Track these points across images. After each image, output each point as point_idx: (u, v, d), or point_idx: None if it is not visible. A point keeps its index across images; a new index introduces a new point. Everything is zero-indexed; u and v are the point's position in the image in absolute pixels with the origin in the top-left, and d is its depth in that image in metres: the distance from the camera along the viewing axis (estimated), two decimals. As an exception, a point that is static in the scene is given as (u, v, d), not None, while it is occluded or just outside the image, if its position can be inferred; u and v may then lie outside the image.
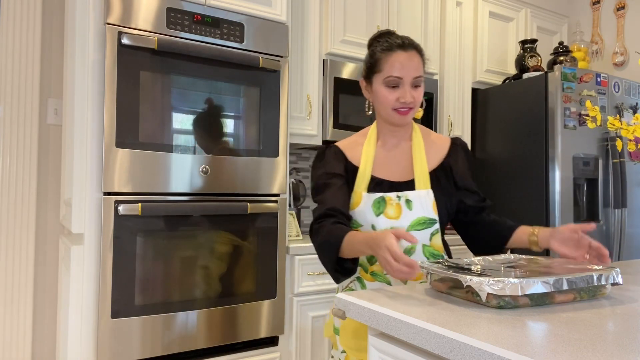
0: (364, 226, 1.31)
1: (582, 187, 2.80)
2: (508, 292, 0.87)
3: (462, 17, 3.10)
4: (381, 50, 1.29)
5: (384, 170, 1.34)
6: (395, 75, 1.27)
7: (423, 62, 1.32)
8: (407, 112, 1.29)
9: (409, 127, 1.39)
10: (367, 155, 1.35)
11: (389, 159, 1.36)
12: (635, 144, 2.84)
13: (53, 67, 2.33)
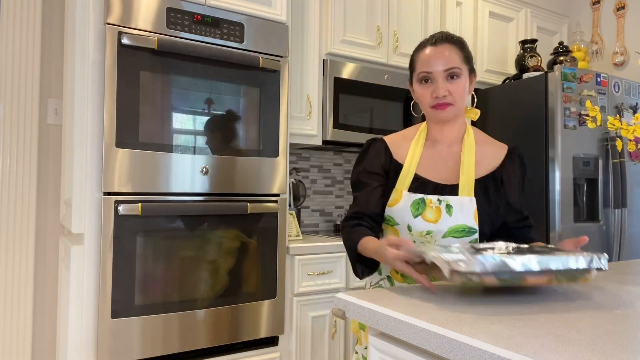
0: (401, 225, 1.26)
1: (582, 187, 2.80)
2: (463, 267, 0.83)
3: (462, 17, 3.10)
4: (415, 51, 1.30)
5: (429, 171, 1.29)
6: (425, 70, 1.25)
7: (463, 54, 1.26)
8: (445, 107, 1.24)
9: (459, 128, 1.32)
10: (413, 153, 1.31)
11: (436, 159, 1.30)
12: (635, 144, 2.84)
13: (53, 67, 2.33)
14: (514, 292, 1.04)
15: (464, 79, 1.25)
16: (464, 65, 1.26)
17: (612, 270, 1.36)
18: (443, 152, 1.31)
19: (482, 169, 1.27)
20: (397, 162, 1.32)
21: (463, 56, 1.26)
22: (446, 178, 1.27)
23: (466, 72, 1.26)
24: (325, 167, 2.99)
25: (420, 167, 1.29)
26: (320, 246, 2.22)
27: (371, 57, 2.70)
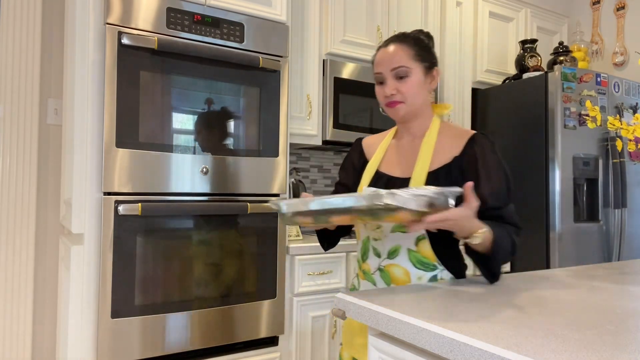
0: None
1: (582, 187, 2.80)
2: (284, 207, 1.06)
3: (462, 17, 3.10)
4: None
5: (390, 166, 1.33)
6: (376, 71, 1.29)
7: (414, 52, 1.26)
8: (395, 105, 1.26)
9: (422, 123, 1.32)
10: (380, 150, 1.37)
11: (398, 155, 1.34)
12: (635, 144, 2.84)
13: (53, 67, 2.33)
14: (514, 293, 1.04)
15: (414, 76, 1.26)
16: (415, 63, 1.26)
17: (612, 270, 1.36)
18: (405, 147, 1.34)
19: (439, 161, 1.25)
20: (367, 159, 1.40)
21: (414, 54, 1.26)
22: (403, 172, 1.30)
23: (419, 69, 1.27)
24: (325, 167, 2.98)
25: (384, 163, 1.35)
26: (320, 246, 2.22)
27: (371, 57, 2.70)
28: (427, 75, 1.28)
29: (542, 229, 2.70)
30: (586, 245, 2.71)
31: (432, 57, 1.30)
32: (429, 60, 1.28)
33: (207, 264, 1.93)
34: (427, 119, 1.32)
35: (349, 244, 2.31)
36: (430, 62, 1.29)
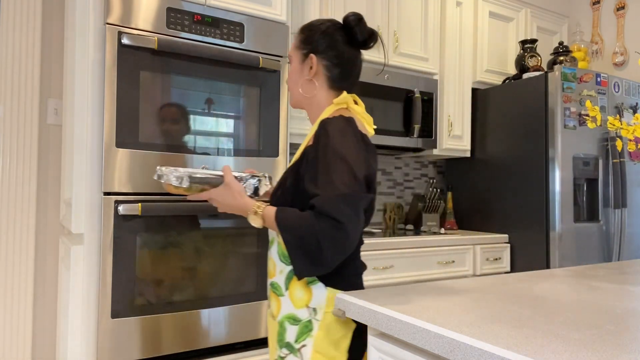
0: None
1: (582, 187, 2.80)
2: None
3: (462, 17, 3.10)
4: None
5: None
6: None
7: (298, 40, 1.27)
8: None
9: (316, 112, 1.28)
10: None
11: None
12: (635, 144, 2.84)
13: (53, 67, 2.33)
14: (514, 293, 1.04)
15: (293, 64, 1.28)
16: (295, 51, 1.28)
17: (612, 270, 1.36)
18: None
19: (298, 153, 1.22)
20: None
21: (298, 41, 1.28)
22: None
23: (297, 57, 1.26)
24: (325, 167, 2.98)
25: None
26: (320, 246, 2.22)
27: (371, 57, 2.70)
28: (303, 63, 1.25)
29: (542, 229, 2.70)
30: (586, 245, 2.71)
31: (311, 44, 1.24)
32: (307, 47, 1.25)
33: (207, 263, 1.93)
34: (318, 109, 1.26)
35: (349, 244, 2.31)
36: (308, 49, 1.24)
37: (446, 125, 3.02)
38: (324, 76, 1.24)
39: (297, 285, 1.18)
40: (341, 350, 1.14)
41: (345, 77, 1.25)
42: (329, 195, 1.03)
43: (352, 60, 1.24)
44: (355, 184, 1.05)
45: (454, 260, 2.67)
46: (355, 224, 1.05)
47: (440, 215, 3.18)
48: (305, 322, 1.16)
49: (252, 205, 1.18)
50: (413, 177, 3.37)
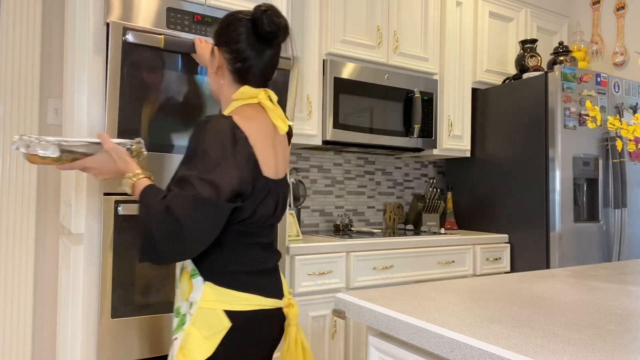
0: None
1: (582, 187, 2.80)
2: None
3: (462, 17, 3.10)
4: None
5: None
6: None
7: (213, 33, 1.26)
8: None
9: (223, 106, 1.28)
10: None
11: None
12: (635, 144, 2.84)
13: (53, 67, 2.33)
14: (514, 293, 1.04)
15: (205, 56, 1.30)
16: (209, 43, 1.30)
17: (612, 270, 1.36)
18: None
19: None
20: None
21: (213, 34, 1.26)
22: None
23: (209, 48, 1.28)
24: (325, 167, 2.99)
25: None
26: (320, 246, 2.22)
27: (371, 57, 2.70)
28: (212, 55, 1.24)
29: (542, 229, 2.70)
30: (586, 245, 2.71)
31: (216, 36, 1.23)
32: (214, 39, 1.24)
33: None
34: (226, 103, 1.26)
35: (349, 243, 2.31)
36: (214, 42, 1.24)
37: (446, 125, 3.02)
38: (227, 70, 1.21)
39: (184, 277, 1.19)
40: (206, 348, 1.11)
41: (247, 71, 1.20)
42: (181, 193, 1.02)
43: (257, 54, 1.19)
44: (210, 189, 1.03)
45: (454, 260, 2.67)
46: (200, 227, 1.02)
47: (440, 215, 3.18)
48: (182, 316, 1.18)
49: (133, 170, 1.20)
50: (413, 177, 3.37)
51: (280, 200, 1.25)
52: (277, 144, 1.25)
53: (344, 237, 2.51)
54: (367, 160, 3.15)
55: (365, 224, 3.14)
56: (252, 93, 1.20)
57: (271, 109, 1.21)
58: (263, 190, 1.16)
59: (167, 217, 1.01)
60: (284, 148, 1.31)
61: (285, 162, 1.31)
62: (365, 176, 3.14)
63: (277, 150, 1.25)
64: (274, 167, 1.21)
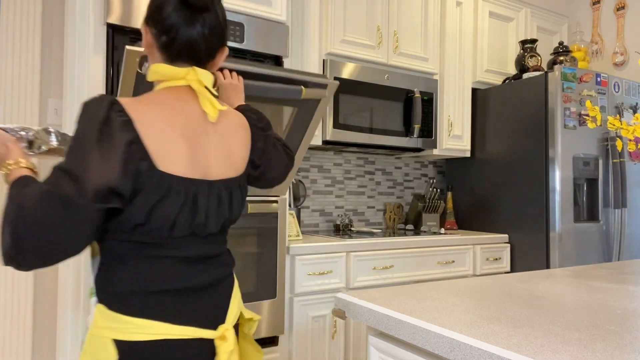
0: None
1: (582, 187, 2.80)
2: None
3: (462, 17, 3.10)
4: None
5: None
6: None
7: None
8: None
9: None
10: None
11: None
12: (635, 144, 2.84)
13: (53, 67, 2.33)
14: (514, 293, 1.04)
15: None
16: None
17: (612, 270, 1.36)
18: None
19: None
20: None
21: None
22: None
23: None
24: (325, 167, 2.99)
25: None
26: (320, 246, 2.22)
27: (371, 57, 2.70)
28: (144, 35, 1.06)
29: (542, 229, 2.70)
30: (586, 245, 2.71)
31: (146, 12, 1.05)
32: (145, 17, 1.05)
33: (207, 264, 1.92)
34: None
35: (349, 243, 2.31)
36: (144, 19, 1.05)
37: (446, 125, 3.02)
38: (156, 47, 1.02)
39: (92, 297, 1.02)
40: None
41: (171, 44, 1.00)
42: (39, 187, 0.85)
43: (184, 23, 0.99)
44: (70, 185, 0.84)
45: (454, 260, 2.67)
46: (48, 228, 0.82)
47: (440, 215, 3.18)
48: (82, 339, 1.04)
49: (15, 158, 0.97)
50: (413, 177, 3.37)
51: (203, 205, 0.97)
52: (207, 135, 1.00)
53: (344, 237, 2.51)
54: (367, 160, 3.15)
55: (365, 224, 3.14)
56: (172, 73, 1.00)
57: (200, 93, 1.00)
58: (158, 189, 0.91)
59: (14, 212, 0.82)
60: (227, 141, 1.05)
61: (224, 158, 1.04)
62: (365, 176, 3.14)
63: (206, 142, 1.00)
64: (186, 162, 0.95)
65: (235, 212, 1.07)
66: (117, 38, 1.78)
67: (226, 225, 1.07)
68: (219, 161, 1.02)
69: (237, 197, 1.06)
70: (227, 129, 1.06)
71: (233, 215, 1.06)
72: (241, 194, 1.08)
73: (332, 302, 2.26)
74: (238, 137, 1.09)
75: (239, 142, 1.08)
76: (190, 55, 1.02)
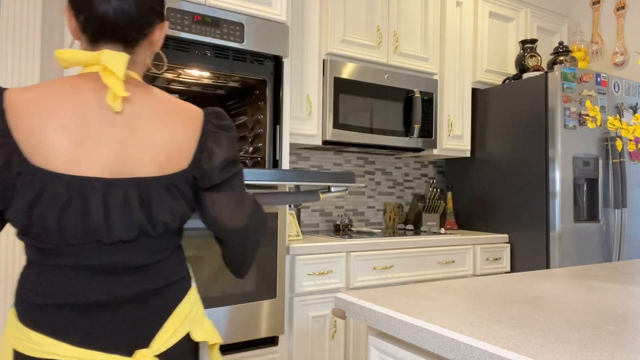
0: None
1: (582, 187, 2.80)
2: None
3: (462, 17, 3.10)
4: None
5: None
6: None
7: None
8: None
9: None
10: None
11: None
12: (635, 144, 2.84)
13: (53, 67, 2.33)
14: (514, 293, 1.04)
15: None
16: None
17: (612, 270, 1.36)
18: None
19: None
20: None
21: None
22: None
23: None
24: (325, 167, 2.99)
25: None
26: (320, 246, 2.22)
27: (371, 57, 2.70)
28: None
29: (542, 229, 2.70)
30: (586, 245, 2.71)
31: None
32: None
33: (207, 264, 1.93)
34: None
35: (349, 243, 2.31)
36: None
37: (446, 125, 3.02)
38: (78, 29, 0.92)
39: None
40: None
41: (87, 24, 0.89)
42: None
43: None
44: None
45: (454, 260, 2.67)
46: None
47: (440, 215, 3.18)
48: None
49: None
50: (413, 177, 3.37)
51: (98, 207, 0.82)
52: (108, 127, 0.84)
53: (344, 237, 2.51)
54: (367, 160, 3.15)
55: (365, 224, 3.14)
56: (75, 58, 0.90)
57: (104, 78, 0.85)
58: (31, 187, 0.79)
59: None
60: (146, 134, 0.87)
61: (141, 153, 0.86)
62: (365, 176, 3.14)
63: (103, 133, 0.84)
64: (69, 157, 0.81)
65: (158, 217, 0.87)
66: (117, 38, 1.78)
67: (148, 233, 0.87)
68: (129, 157, 0.85)
69: (163, 199, 0.87)
70: (151, 120, 0.88)
71: (155, 220, 0.87)
72: (171, 196, 0.88)
73: (332, 302, 2.26)
74: (171, 129, 0.90)
75: (170, 134, 0.89)
76: (110, 35, 0.88)
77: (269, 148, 2.14)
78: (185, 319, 0.93)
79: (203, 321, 0.97)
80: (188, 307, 0.94)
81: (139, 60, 0.94)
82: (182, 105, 0.95)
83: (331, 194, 1.40)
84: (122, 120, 0.86)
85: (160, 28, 0.95)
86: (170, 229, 0.92)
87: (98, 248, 0.84)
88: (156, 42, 0.96)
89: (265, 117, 2.14)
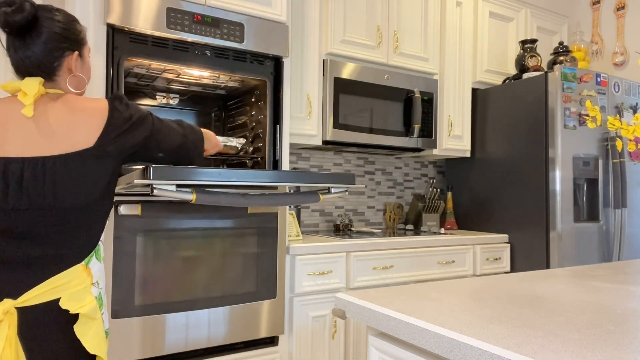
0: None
1: (582, 187, 2.80)
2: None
3: (462, 17, 3.10)
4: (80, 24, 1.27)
5: None
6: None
7: None
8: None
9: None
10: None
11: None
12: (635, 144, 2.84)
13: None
14: (514, 293, 1.04)
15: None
16: None
17: (612, 270, 1.36)
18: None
19: None
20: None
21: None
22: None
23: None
24: (325, 167, 2.99)
25: None
26: (320, 246, 2.22)
27: (371, 57, 2.70)
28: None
29: (542, 229, 2.70)
30: (586, 245, 2.71)
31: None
32: None
33: (207, 264, 1.93)
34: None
35: (349, 243, 2.31)
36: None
37: (446, 125, 3.02)
38: (14, 70, 1.23)
39: None
40: None
41: (14, 66, 1.21)
42: None
43: (10, 48, 1.18)
44: None
45: (454, 260, 2.67)
46: None
47: (440, 215, 3.18)
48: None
49: None
50: (413, 177, 3.37)
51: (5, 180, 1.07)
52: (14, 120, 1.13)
53: (344, 237, 2.51)
54: (367, 160, 3.15)
55: (365, 224, 3.14)
56: (9, 88, 1.19)
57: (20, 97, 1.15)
58: None
59: None
60: (47, 124, 1.13)
61: (39, 136, 1.12)
62: (365, 176, 3.14)
63: (8, 123, 1.12)
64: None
65: (60, 193, 1.10)
66: (117, 38, 1.78)
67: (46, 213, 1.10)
68: (33, 143, 1.11)
69: (65, 175, 1.11)
70: (57, 115, 1.14)
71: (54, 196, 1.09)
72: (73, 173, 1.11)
73: (332, 302, 2.26)
74: (73, 119, 1.14)
75: (73, 123, 1.14)
76: (28, 72, 1.18)
77: (269, 148, 2.14)
78: (57, 287, 1.10)
79: (84, 299, 1.13)
80: (66, 278, 1.12)
81: (62, 82, 1.20)
82: (85, 105, 1.19)
83: (331, 195, 1.44)
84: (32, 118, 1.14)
85: (69, 59, 1.20)
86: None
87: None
88: (72, 68, 1.21)
89: (265, 117, 2.14)
